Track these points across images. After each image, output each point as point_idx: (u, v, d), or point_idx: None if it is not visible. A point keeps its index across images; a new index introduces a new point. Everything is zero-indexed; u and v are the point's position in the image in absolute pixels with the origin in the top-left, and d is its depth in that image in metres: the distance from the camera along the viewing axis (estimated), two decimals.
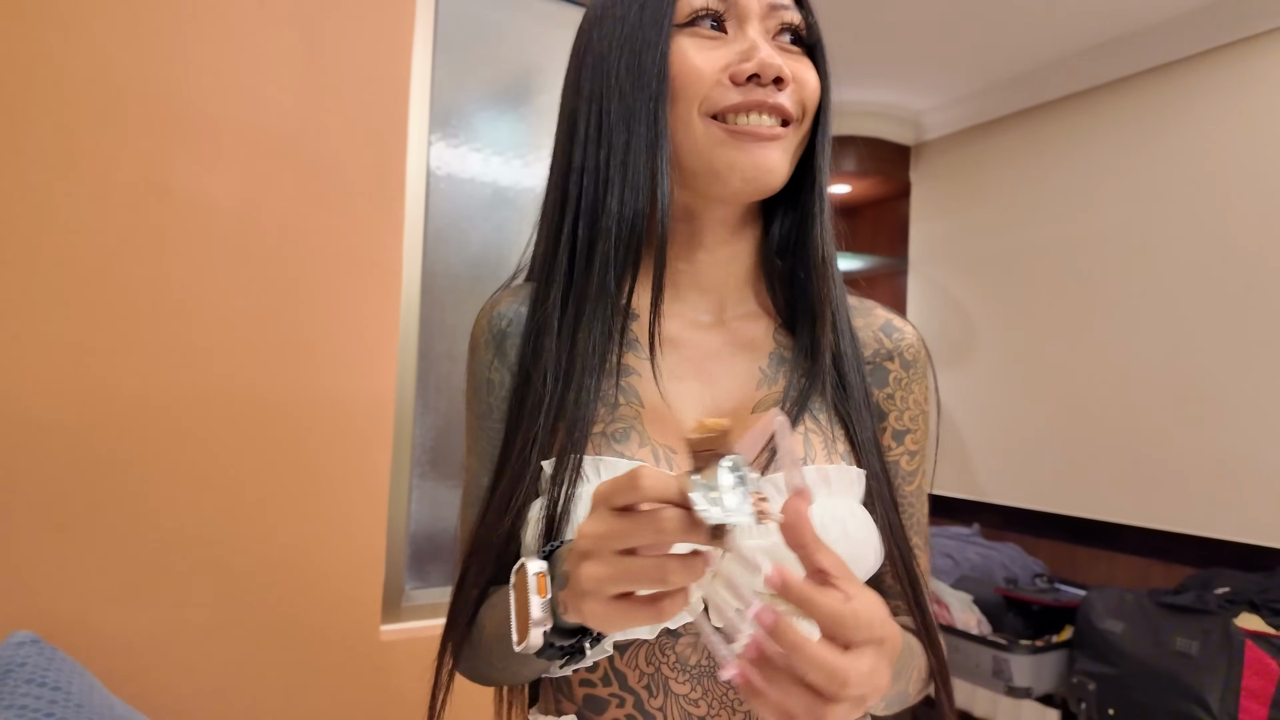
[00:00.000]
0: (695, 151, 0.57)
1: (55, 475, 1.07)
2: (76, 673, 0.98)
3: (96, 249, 1.10)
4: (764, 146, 0.56)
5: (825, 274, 0.61)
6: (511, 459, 0.58)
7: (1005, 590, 2.42)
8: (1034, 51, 2.66)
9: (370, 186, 1.29)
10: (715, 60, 0.57)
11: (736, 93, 0.56)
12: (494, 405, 0.63)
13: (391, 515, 1.34)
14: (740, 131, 0.56)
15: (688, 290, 0.64)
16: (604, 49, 0.59)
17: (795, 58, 0.59)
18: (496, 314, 0.64)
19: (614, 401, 0.58)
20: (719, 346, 0.63)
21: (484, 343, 0.64)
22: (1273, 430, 2.17)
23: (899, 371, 0.65)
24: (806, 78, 0.59)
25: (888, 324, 0.66)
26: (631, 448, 0.57)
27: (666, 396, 0.60)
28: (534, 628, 0.46)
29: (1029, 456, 2.83)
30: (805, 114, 0.59)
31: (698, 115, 0.57)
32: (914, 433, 0.65)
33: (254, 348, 1.20)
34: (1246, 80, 2.28)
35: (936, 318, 3.22)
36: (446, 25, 1.44)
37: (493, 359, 0.63)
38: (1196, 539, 2.32)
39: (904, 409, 0.65)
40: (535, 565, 0.47)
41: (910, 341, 0.66)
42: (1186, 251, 2.40)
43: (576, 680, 0.57)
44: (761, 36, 0.57)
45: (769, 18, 0.58)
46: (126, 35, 1.12)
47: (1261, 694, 1.71)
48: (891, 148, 3.27)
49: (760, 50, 0.55)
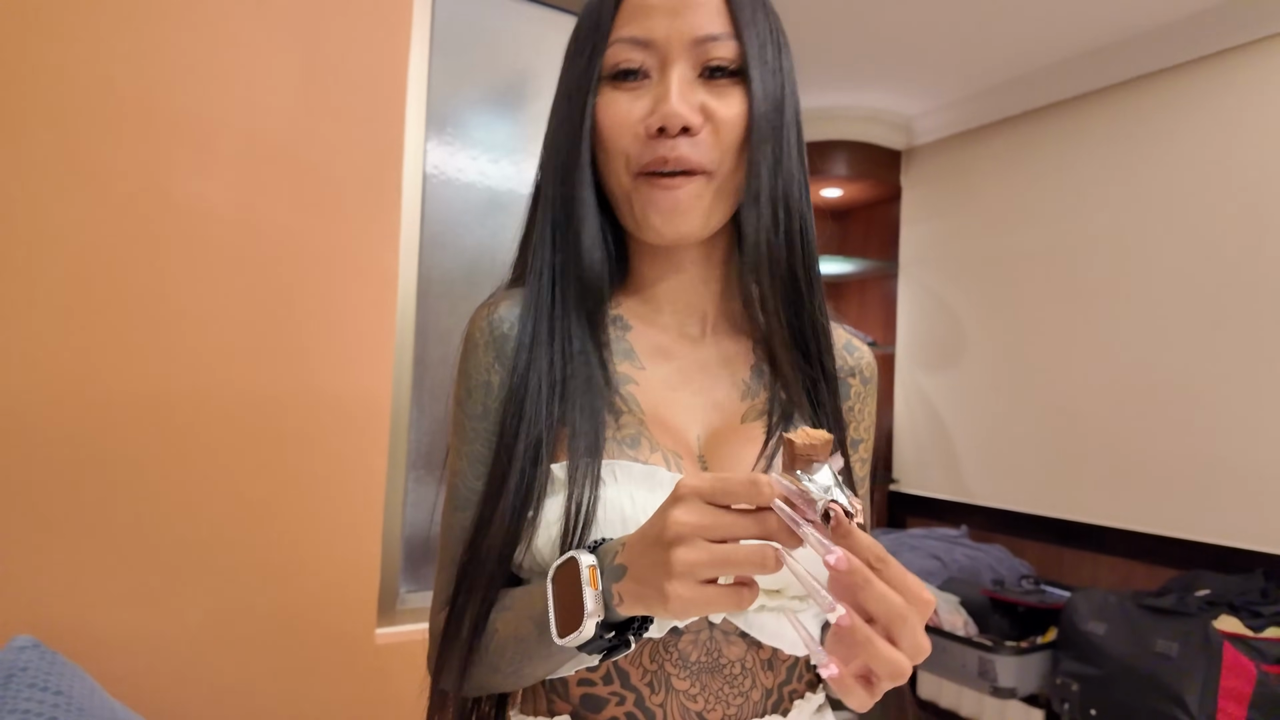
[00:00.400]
0: (625, 202, 0.61)
1: (54, 480, 1.08)
2: (77, 676, 0.99)
3: (96, 254, 1.11)
4: (671, 195, 0.58)
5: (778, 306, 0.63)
6: (516, 462, 0.58)
7: (992, 592, 2.46)
8: (1023, 59, 2.69)
9: (367, 192, 1.30)
10: (635, 112, 0.58)
11: (649, 148, 0.58)
12: (491, 407, 0.63)
13: (387, 519, 1.35)
14: (652, 183, 0.58)
15: (674, 305, 0.67)
16: (556, 97, 0.63)
17: (721, 93, 0.59)
18: (497, 316, 0.65)
19: (618, 409, 0.60)
20: (706, 358, 0.66)
21: (483, 343, 0.65)
22: (1253, 435, 2.21)
23: (859, 386, 0.69)
24: (724, 117, 0.58)
25: (849, 343, 0.70)
26: (644, 453, 0.59)
27: (663, 406, 0.63)
28: (587, 619, 0.47)
29: (1016, 459, 2.87)
30: (725, 153, 0.59)
31: (625, 171, 0.59)
32: (865, 442, 0.70)
33: (251, 352, 1.21)
34: (1231, 90, 2.32)
35: (926, 321, 3.25)
36: (442, 31, 1.45)
37: (492, 361, 0.64)
38: (1179, 541, 2.36)
39: (860, 420, 0.69)
40: (586, 559, 0.48)
41: (868, 360, 0.71)
42: (1171, 257, 2.44)
43: (575, 680, 0.59)
44: (685, 76, 0.58)
45: (695, 52, 0.58)
46: (125, 43, 1.13)
47: (1239, 695, 1.75)
48: (883, 152, 3.30)
49: (667, 100, 0.56)
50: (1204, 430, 2.32)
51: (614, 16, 0.59)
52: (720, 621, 0.58)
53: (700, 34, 0.58)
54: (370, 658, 1.29)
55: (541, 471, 0.58)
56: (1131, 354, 2.52)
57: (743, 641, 0.59)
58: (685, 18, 0.58)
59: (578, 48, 0.62)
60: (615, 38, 0.59)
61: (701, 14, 0.58)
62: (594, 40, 0.60)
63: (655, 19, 0.58)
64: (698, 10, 0.58)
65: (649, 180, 0.58)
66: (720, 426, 0.63)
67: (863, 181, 3.28)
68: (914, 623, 0.41)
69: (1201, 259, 2.36)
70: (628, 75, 0.59)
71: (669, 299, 0.67)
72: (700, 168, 0.58)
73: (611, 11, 0.60)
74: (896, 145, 3.32)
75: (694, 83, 0.58)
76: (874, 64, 2.78)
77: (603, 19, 0.60)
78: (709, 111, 0.58)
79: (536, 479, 0.58)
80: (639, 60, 0.59)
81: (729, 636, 0.59)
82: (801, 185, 0.63)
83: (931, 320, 3.23)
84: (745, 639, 0.59)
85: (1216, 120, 2.35)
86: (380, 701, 1.29)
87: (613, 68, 0.59)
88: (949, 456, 3.12)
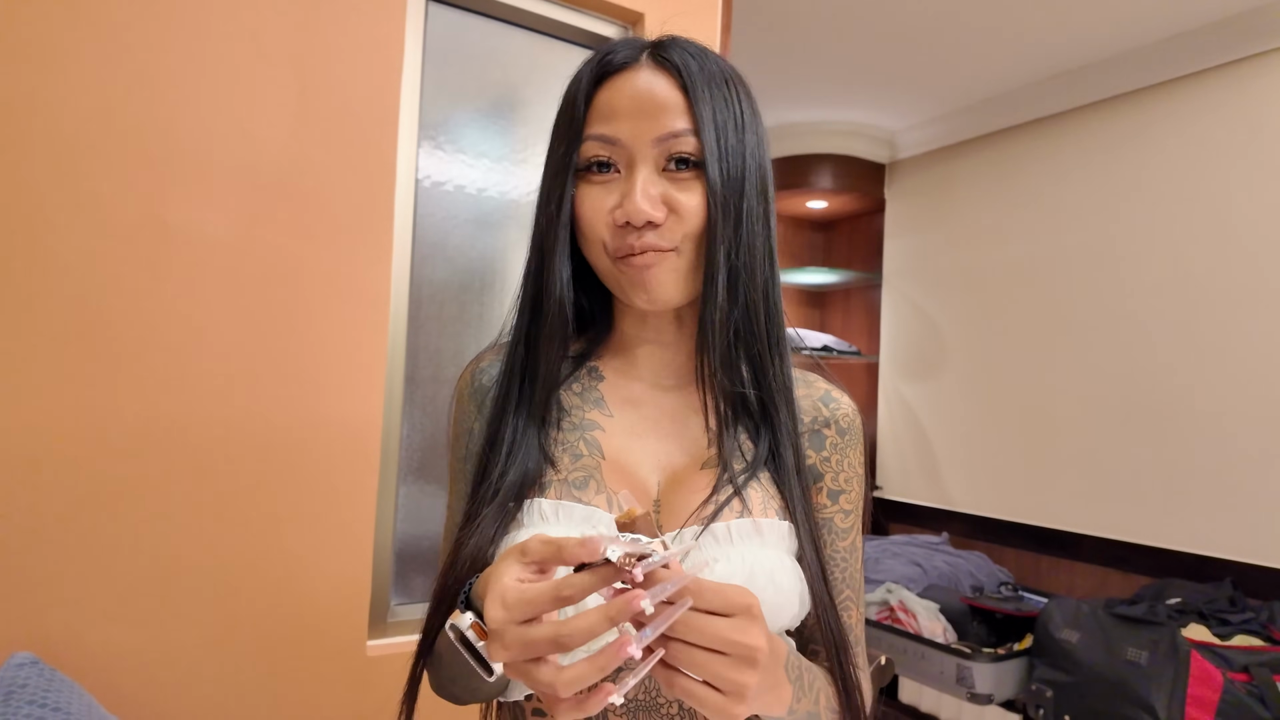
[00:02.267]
0: (610, 278, 0.66)
1: (52, 500, 1.11)
2: (75, 692, 1.02)
3: (95, 281, 1.14)
4: (646, 273, 0.63)
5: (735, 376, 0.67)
6: (479, 502, 0.65)
7: (970, 599, 2.51)
8: (1004, 77, 2.75)
9: (360, 214, 1.33)
10: (605, 204, 0.63)
11: (619, 236, 0.63)
12: (472, 451, 0.70)
13: (378, 533, 1.38)
14: (629, 264, 0.63)
15: (650, 360, 0.72)
16: (542, 178, 0.68)
17: (683, 185, 0.63)
18: (480, 370, 0.72)
19: (578, 453, 0.66)
20: (675, 408, 0.70)
21: (467, 395, 0.72)
22: (1224, 445, 2.27)
23: (835, 437, 0.72)
24: (686, 207, 0.62)
25: (826, 394, 0.73)
26: (589, 494, 0.64)
27: (625, 451, 0.67)
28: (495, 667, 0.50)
29: (995, 467, 2.93)
30: (687, 236, 0.63)
31: (604, 255, 0.64)
32: (848, 493, 0.72)
33: (245, 371, 1.24)
34: (1204, 109, 2.38)
35: (909, 331, 3.30)
36: (435, 59, 1.48)
37: (475, 410, 0.71)
38: (1151, 549, 2.42)
39: (839, 471, 0.71)
40: (464, 620, 0.51)
41: (846, 411, 0.73)
42: (1145, 272, 2.50)
43: (529, 709, 0.63)
44: (648, 175, 0.62)
45: (658, 149, 0.62)
46: (123, 74, 1.16)
47: (1206, 702, 1.80)
48: (867, 165, 3.35)
49: (632, 197, 0.61)
50: (1177, 441, 2.38)
51: (586, 113, 0.64)
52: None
53: (661, 133, 0.62)
54: (362, 669, 1.32)
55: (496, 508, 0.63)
56: (1107, 365, 2.58)
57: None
58: (648, 120, 0.62)
59: (557, 135, 0.67)
60: (588, 134, 0.64)
61: (662, 116, 0.62)
62: (569, 134, 0.65)
63: (620, 120, 0.63)
64: (659, 112, 0.62)
65: (625, 262, 0.63)
66: (680, 471, 0.67)
67: (847, 194, 3.33)
68: (717, 669, 0.46)
69: (1175, 273, 2.42)
70: (600, 168, 0.64)
71: (646, 355, 0.72)
72: (665, 249, 0.63)
73: (584, 107, 0.64)
74: (880, 159, 3.37)
75: (657, 178, 0.63)
76: (859, 79, 2.83)
77: (577, 113, 0.64)
78: (671, 202, 0.62)
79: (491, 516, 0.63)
80: (607, 155, 0.64)
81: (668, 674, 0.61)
82: (765, 253, 0.66)
83: (914, 331, 3.28)
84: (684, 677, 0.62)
85: (1190, 138, 2.41)
86: (372, 713, 1.32)
87: (585, 162, 0.64)
88: (930, 464, 3.18)
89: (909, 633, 2.45)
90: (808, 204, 3.46)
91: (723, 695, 0.47)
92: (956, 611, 2.46)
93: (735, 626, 0.46)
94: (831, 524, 0.70)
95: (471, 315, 1.53)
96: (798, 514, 0.65)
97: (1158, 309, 2.46)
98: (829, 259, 3.70)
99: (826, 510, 0.70)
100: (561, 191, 0.64)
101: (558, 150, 0.66)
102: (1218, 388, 2.30)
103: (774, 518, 0.64)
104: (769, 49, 2.52)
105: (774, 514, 0.65)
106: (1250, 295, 2.24)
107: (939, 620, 2.45)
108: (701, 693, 0.47)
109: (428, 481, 1.47)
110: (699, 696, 0.47)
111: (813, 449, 0.71)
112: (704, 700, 0.47)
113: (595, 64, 0.65)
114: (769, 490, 0.66)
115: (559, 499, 0.63)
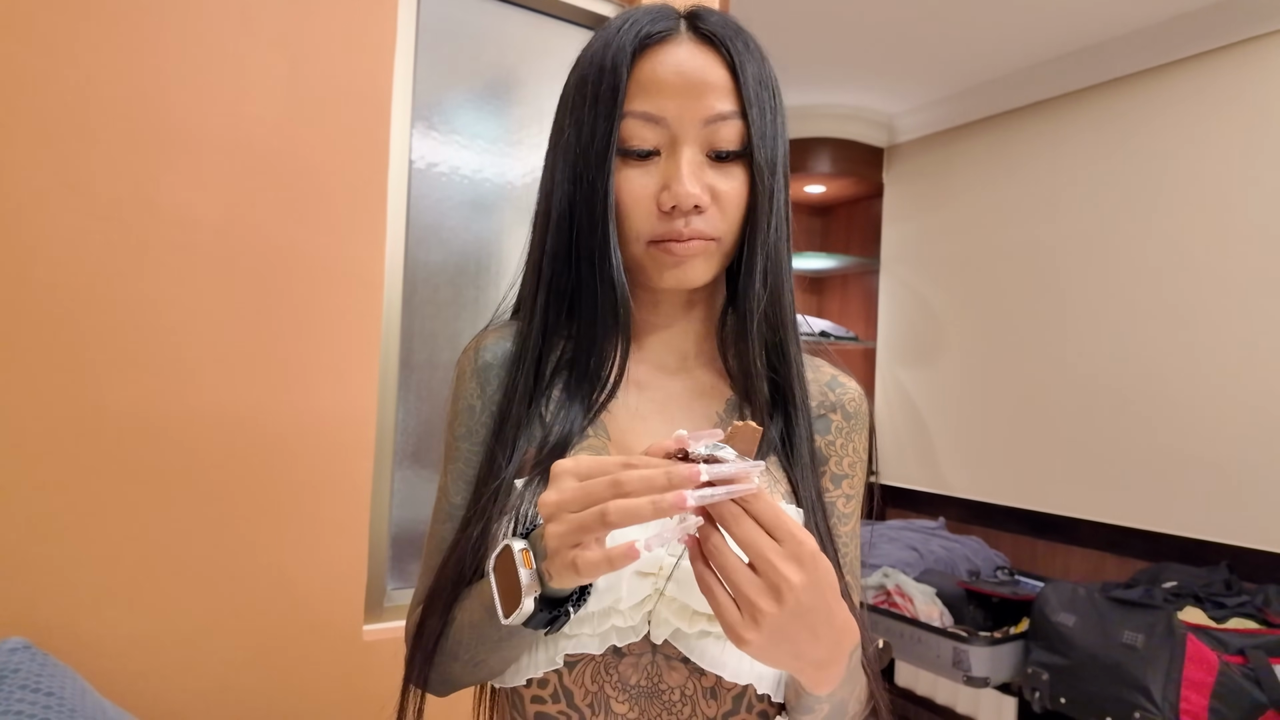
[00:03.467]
0: (637, 262, 0.64)
1: (44, 486, 1.10)
2: (69, 677, 1.01)
3: (82, 264, 1.12)
4: (684, 262, 0.62)
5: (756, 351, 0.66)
6: (489, 476, 0.63)
7: (967, 583, 2.52)
8: (1003, 59, 2.73)
9: (352, 196, 1.32)
10: (648, 188, 0.61)
11: (662, 222, 0.61)
12: (473, 429, 0.69)
13: (374, 518, 1.37)
14: (666, 249, 0.61)
15: (656, 339, 0.70)
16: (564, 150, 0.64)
17: (725, 172, 0.61)
18: (483, 348, 0.70)
19: (584, 434, 0.64)
20: (680, 391, 0.69)
21: (469, 373, 0.70)
22: (1220, 431, 2.28)
23: (841, 422, 0.71)
24: (727, 195, 0.61)
25: (833, 380, 0.72)
26: None
27: (630, 434, 0.66)
28: (525, 595, 0.50)
29: (992, 452, 2.93)
30: (730, 226, 0.62)
31: (637, 240, 0.62)
32: (851, 478, 0.71)
33: (239, 356, 1.22)
34: (1204, 92, 2.37)
35: (907, 316, 3.30)
36: (429, 39, 1.46)
37: (477, 388, 0.69)
38: (1147, 533, 2.42)
39: (844, 455, 0.71)
40: (518, 544, 0.52)
41: (852, 396, 0.72)
42: (1142, 257, 2.49)
43: (529, 697, 0.62)
44: (694, 157, 0.60)
45: (704, 132, 0.60)
46: (110, 52, 1.14)
47: (1201, 685, 1.81)
48: (865, 149, 3.33)
49: (679, 182, 0.59)
50: (1173, 425, 2.38)
51: (627, 82, 0.60)
52: (662, 644, 0.60)
53: (709, 115, 0.60)
54: (358, 654, 1.32)
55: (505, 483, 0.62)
56: (1104, 350, 2.58)
57: (684, 667, 0.60)
58: (695, 99, 0.60)
59: (589, 107, 0.62)
60: (629, 110, 0.60)
61: (709, 96, 0.60)
62: (608, 108, 0.61)
63: (666, 98, 0.60)
64: (706, 92, 0.60)
65: (662, 247, 0.62)
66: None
67: (845, 178, 3.31)
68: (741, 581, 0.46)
69: (1171, 259, 2.42)
70: (641, 153, 0.61)
71: (652, 339, 0.70)
72: (711, 238, 0.62)
73: (625, 76, 0.60)
74: (879, 143, 3.35)
75: (702, 162, 0.61)
76: (856, 62, 2.81)
77: (617, 84, 0.60)
78: (714, 190, 0.61)
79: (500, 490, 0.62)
80: (652, 140, 0.61)
81: (671, 661, 0.60)
82: (787, 236, 0.66)
83: (911, 316, 3.28)
84: (687, 665, 0.60)
85: (1188, 122, 2.40)
86: (368, 697, 1.32)
87: (625, 143, 0.61)
88: (927, 449, 3.18)
89: (905, 616, 2.46)
90: (805, 188, 3.45)
91: (738, 615, 0.47)
92: (953, 595, 2.47)
93: (777, 550, 0.46)
94: (834, 508, 0.69)
95: (467, 299, 1.52)
96: (809, 499, 0.64)
97: (1155, 294, 2.45)
98: (827, 244, 3.69)
99: (829, 495, 0.69)
100: (605, 172, 0.61)
101: (592, 125, 0.61)
102: (1214, 373, 2.30)
103: (781, 502, 0.63)
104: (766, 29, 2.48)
105: (781, 498, 0.64)
106: (1249, 280, 2.24)
107: (935, 604, 2.46)
108: (722, 599, 0.47)
109: (423, 466, 1.46)
110: (717, 601, 0.47)
111: (818, 433, 0.70)
112: (720, 608, 0.47)
113: (635, 32, 0.61)
114: (775, 474, 0.65)
115: None
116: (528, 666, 0.61)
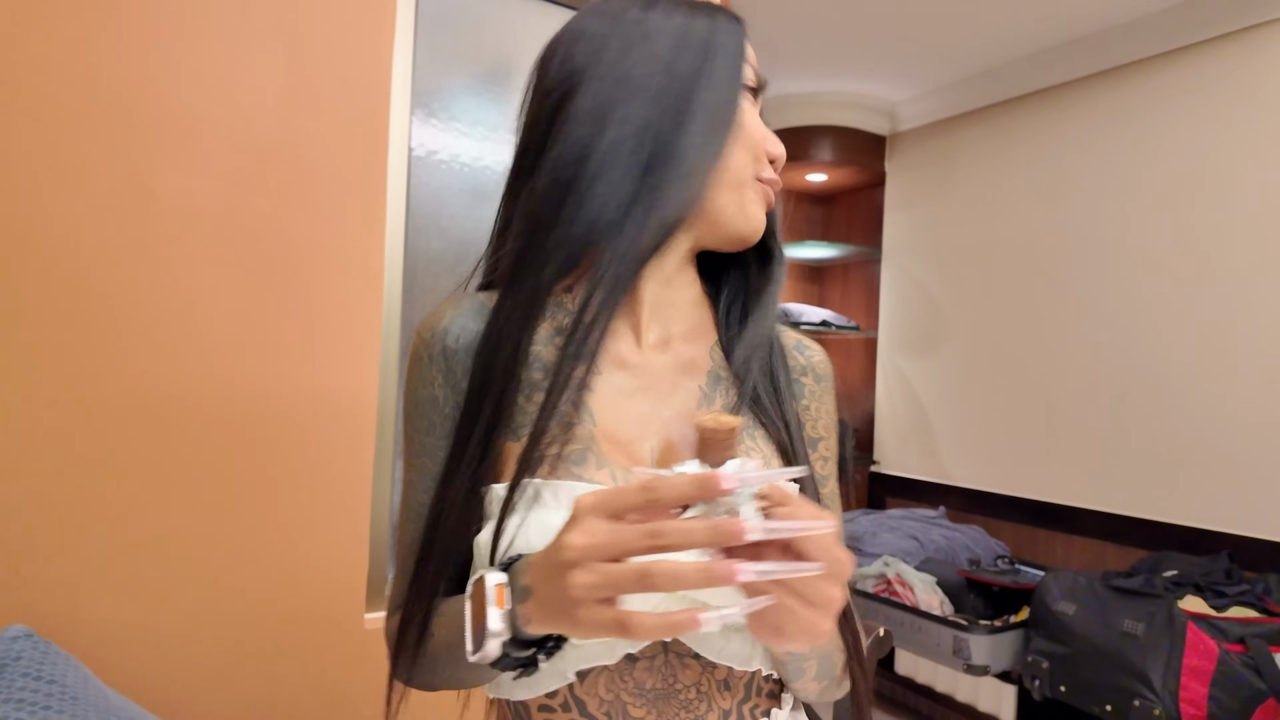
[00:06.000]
0: (732, 201, 0.64)
1: (46, 472, 1.10)
2: (70, 665, 1.01)
3: (82, 252, 1.12)
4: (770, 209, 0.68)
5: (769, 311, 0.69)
6: (458, 477, 0.58)
7: (967, 572, 2.52)
8: (1006, 47, 2.71)
9: (352, 184, 1.31)
10: (760, 130, 0.66)
11: (764, 164, 0.66)
12: (435, 422, 0.62)
13: (375, 506, 1.37)
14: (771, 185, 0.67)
15: (653, 318, 0.66)
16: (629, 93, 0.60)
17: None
18: (441, 328, 0.63)
19: (568, 421, 0.57)
20: (663, 367, 0.65)
21: (427, 358, 0.63)
22: (1222, 420, 2.27)
23: (812, 385, 0.70)
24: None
25: (799, 343, 0.72)
26: (589, 470, 0.57)
27: (617, 415, 0.61)
28: (490, 639, 0.46)
29: (993, 441, 2.93)
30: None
31: (740, 170, 0.64)
32: (826, 440, 0.70)
33: (240, 344, 1.22)
34: (1208, 80, 2.35)
35: (908, 305, 3.29)
36: (428, 26, 1.45)
37: (437, 375, 0.62)
38: (1148, 522, 2.42)
39: (817, 418, 0.69)
40: (494, 577, 0.47)
41: (820, 359, 0.72)
42: (1145, 245, 2.48)
43: (535, 706, 0.59)
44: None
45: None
46: (110, 39, 1.13)
47: (1201, 673, 1.81)
48: (867, 137, 3.31)
49: (777, 142, 0.66)
50: (1175, 415, 2.38)
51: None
52: (672, 643, 0.58)
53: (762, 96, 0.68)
54: (360, 642, 1.32)
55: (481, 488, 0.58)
56: (1106, 339, 2.57)
57: (697, 664, 0.58)
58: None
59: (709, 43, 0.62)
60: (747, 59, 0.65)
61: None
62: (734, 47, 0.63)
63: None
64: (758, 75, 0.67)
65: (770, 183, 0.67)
66: (675, 436, 0.64)
67: (847, 167, 3.29)
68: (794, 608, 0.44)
69: (1175, 247, 2.41)
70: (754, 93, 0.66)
71: (650, 315, 0.66)
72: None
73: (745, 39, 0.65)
74: (881, 131, 3.33)
75: None
76: (859, 50, 2.79)
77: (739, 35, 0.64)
78: None
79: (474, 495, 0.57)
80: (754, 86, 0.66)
81: (683, 659, 0.58)
82: None
83: (913, 305, 3.27)
84: (699, 661, 0.58)
85: (1194, 110, 2.38)
86: (369, 684, 1.33)
87: (747, 80, 0.65)
88: (928, 438, 3.18)
89: (906, 605, 2.46)
90: (807, 177, 3.43)
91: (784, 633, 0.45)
92: (953, 584, 2.47)
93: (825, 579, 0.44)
94: (812, 471, 0.68)
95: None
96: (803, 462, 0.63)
97: (1158, 283, 2.44)
98: (828, 233, 3.67)
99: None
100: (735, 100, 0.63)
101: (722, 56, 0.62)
102: (1216, 363, 2.29)
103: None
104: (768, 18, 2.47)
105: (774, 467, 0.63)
106: (1251, 269, 2.23)
107: (936, 593, 2.47)
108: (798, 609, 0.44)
109: None
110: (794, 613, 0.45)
111: (794, 397, 0.69)
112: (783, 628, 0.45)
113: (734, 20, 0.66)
114: (766, 450, 0.63)
115: (555, 478, 0.56)
116: (533, 684, 0.57)
